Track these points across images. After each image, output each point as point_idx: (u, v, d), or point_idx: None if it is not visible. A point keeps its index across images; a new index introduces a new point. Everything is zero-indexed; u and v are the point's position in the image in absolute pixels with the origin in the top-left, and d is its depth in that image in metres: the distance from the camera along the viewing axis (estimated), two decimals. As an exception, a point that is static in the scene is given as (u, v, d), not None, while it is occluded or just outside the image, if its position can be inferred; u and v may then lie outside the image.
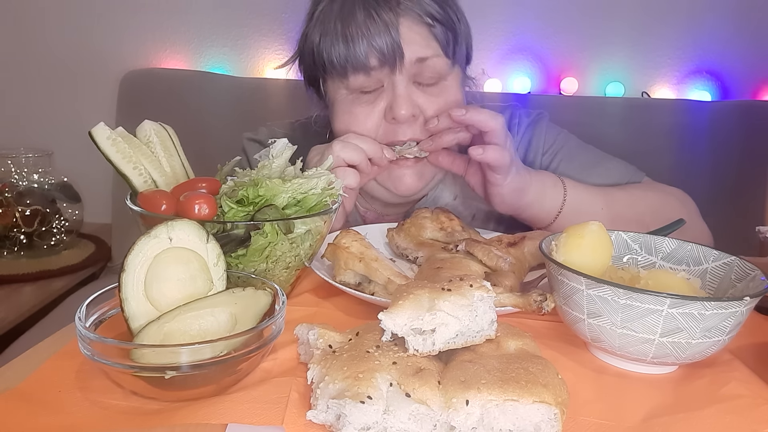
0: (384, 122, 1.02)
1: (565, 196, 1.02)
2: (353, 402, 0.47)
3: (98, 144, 0.75)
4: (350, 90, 1.01)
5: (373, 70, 0.97)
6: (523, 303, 0.66)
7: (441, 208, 0.97)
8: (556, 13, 1.95)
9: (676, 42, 1.93)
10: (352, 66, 0.97)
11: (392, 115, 0.99)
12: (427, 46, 0.99)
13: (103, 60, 2.08)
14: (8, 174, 1.80)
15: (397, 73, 0.98)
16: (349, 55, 0.96)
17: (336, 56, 0.97)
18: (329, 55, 0.98)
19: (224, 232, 0.69)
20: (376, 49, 0.95)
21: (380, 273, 0.75)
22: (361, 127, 1.01)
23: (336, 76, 1.00)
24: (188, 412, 0.51)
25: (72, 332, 0.63)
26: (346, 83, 1.00)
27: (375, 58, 0.96)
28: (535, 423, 0.49)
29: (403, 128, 1.01)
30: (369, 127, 1.01)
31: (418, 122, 1.01)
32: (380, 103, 1.01)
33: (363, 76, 0.98)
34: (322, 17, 1.00)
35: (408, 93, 0.99)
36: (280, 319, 0.58)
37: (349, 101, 1.02)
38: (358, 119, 1.01)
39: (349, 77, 0.99)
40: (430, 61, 0.99)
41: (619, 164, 1.17)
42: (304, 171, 0.80)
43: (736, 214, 1.67)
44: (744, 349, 0.69)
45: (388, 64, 0.97)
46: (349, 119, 1.02)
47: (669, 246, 0.76)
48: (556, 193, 1.02)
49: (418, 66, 0.99)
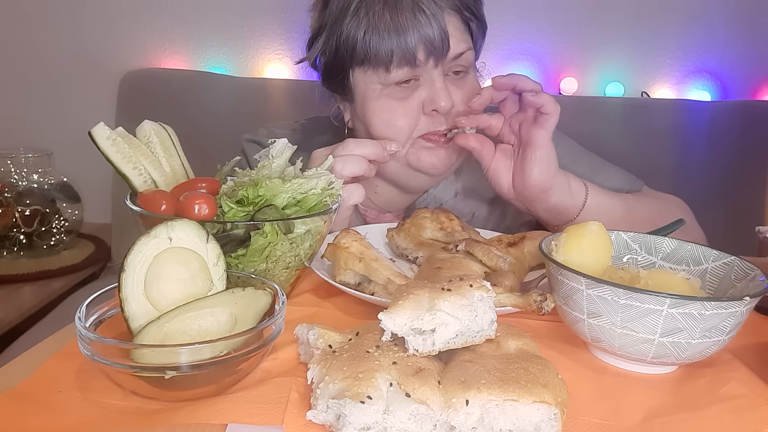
0: (422, 114, 1.03)
1: (586, 195, 1.01)
2: (353, 402, 0.47)
3: (98, 144, 0.75)
4: (385, 84, 1.02)
5: (419, 63, 0.99)
6: (523, 303, 0.66)
7: (441, 208, 0.97)
8: (556, 13, 1.95)
9: (676, 42, 1.93)
10: (399, 58, 0.98)
11: (433, 107, 1.01)
12: (462, 39, 1.02)
13: (103, 60, 2.07)
14: (8, 174, 1.80)
15: (438, 66, 1.00)
16: (399, 47, 0.97)
17: (384, 48, 0.98)
18: (376, 47, 0.98)
19: (224, 232, 0.69)
20: (427, 40, 0.97)
21: (380, 273, 0.75)
22: (401, 120, 1.03)
23: (376, 69, 1.01)
24: (188, 412, 0.51)
25: (72, 332, 0.63)
26: (385, 76, 1.01)
27: (423, 50, 0.98)
28: (535, 423, 0.49)
29: (441, 119, 1.03)
30: (408, 119, 1.03)
31: (452, 112, 1.04)
32: (417, 95, 1.02)
33: (407, 68, 0.99)
34: (365, 10, 1.00)
35: (446, 86, 1.02)
36: (280, 319, 0.58)
37: (384, 95, 1.03)
38: (396, 112, 1.03)
39: (392, 70, 0.99)
40: (464, 55, 1.03)
41: (620, 172, 1.18)
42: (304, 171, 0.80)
43: (736, 214, 1.67)
44: (744, 349, 0.69)
45: (434, 56, 0.99)
46: (389, 114, 1.03)
47: (669, 246, 0.76)
48: (579, 190, 1.01)
49: (454, 61, 1.02)
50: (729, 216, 1.64)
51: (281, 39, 2.05)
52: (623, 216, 1.04)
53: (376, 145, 0.98)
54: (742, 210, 1.70)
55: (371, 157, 0.97)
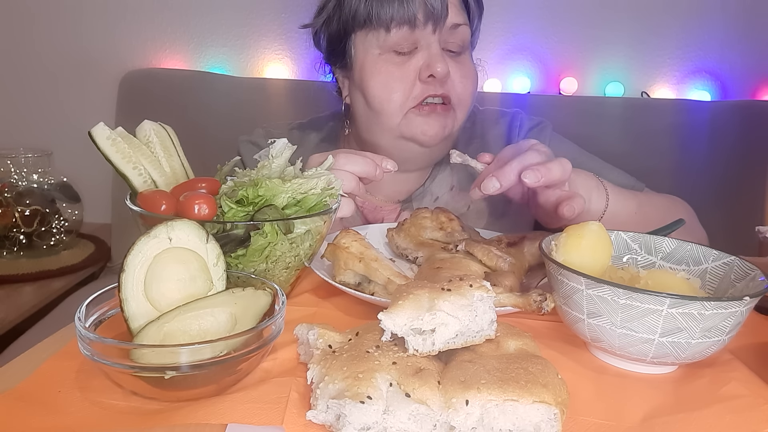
0: (418, 81, 1.06)
1: (608, 198, 1.00)
2: (353, 402, 0.47)
3: (98, 144, 0.75)
4: (383, 49, 1.06)
5: (418, 24, 1.03)
6: (523, 303, 0.66)
7: (441, 208, 0.97)
8: (556, 13, 1.95)
9: (675, 42, 1.93)
10: (400, 18, 1.02)
11: (429, 72, 1.04)
12: (459, 13, 1.07)
13: (103, 60, 2.07)
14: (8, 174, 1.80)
15: (437, 33, 1.05)
16: (401, 7, 1.02)
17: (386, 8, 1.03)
18: (378, 7, 1.03)
19: (224, 232, 0.69)
20: (428, 2, 1.01)
21: (380, 273, 0.75)
22: (396, 83, 1.06)
23: (377, 30, 1.05)
24: (188, 412, 0.51)
25: (72, 332, 0.63)
26: (384, 38, 1.05)
27: (423, 12, 1.02)
28: (535, 423, 0.49)
29: (436, 86, 1.06)
30: (404, 84, 1.06)
31: (449, 83, 1.07)
32: (414, 62, 1.06)
33: (407, 29, 1.04)
34: None
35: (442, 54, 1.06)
36: (280, 319, 0.58)
37: (382, 60, 1.07)
38: (393, 75, 1.06)
39: (392, 30, 1.04)
40: (461, 29, 1.07)
41: (622, 174, 1.18)
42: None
43: (736, 214, 1.67)
44: (744, 349, 0.69)
45: (433, 20, 1.03)
46: (386, 77, 1.07)
47: (669, 246, 0.76)
48: (600, 194, 1.00)
49: (451, 32, 1.06)
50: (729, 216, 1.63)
51: (281, 39, 2.05)
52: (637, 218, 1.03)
53: (368, 163, 0.91)
54: (742, 210, 1.70)
55: (362, 174, 0.91)
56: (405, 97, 1.07)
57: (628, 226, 0.91)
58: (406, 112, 1.08)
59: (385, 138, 1.13)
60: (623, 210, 1.03)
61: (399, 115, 1.08)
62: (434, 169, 1.22)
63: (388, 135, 1.12)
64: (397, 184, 1.22)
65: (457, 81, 1.08)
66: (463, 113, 1.13)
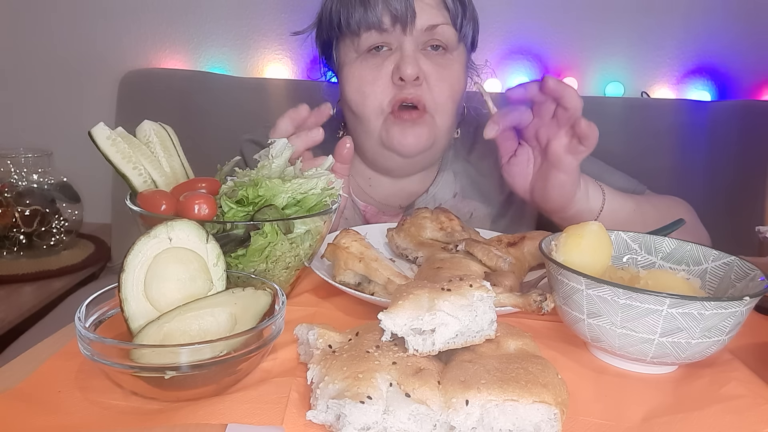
0: (391, 84, 1.06)
1: (604, 198, 1.01)
2: (353, 402, 0.47)
3: (98, 144, 0.75)
4: (359, 52, 1.07)
5: (386, 29, 1.04)
6: (523, 303, 0.66)
7: (441, 208, 0.97)
8: (556, 13, 1.95)
9: (675, 42, 1.93)
10: (366, 24, 1.04)
11: (399, 75, 1.04)
12: (438, 14, 1.06)
13: (103, 60, 2.07)
14: (8, 174, 1.80)
15: (407, 34, 1.04)
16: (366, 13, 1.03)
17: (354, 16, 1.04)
18: (347, 16, 1.05)
19: (224, 232, 0.69)
20: (391, 7, 1.02)
21: (380, 273, 0.75)
22: (370, 86, 1.07)
23: (349, 36, 1.07)
24: (188, 412, 0.51)
25: (72, 332, 0.63)
26: (358, 43, 1.06)
27: (388, 17, 1.03)
28: (535, 423, 0.49)
29: (409, 89, 1.05)
30: (377, 88, 1.07)
31: (423, 86, 1.06)
32: (388, 65, 1.06)
33: (376, 34, 1.05)
34: None
35: (415, 56, 1.05)
36: (280, 319, 0.58)
37: (358, 63, 1.08)
38: (366, 79, 1.07)
39: (362, 35, 1.05)
40: (439, 29, 1.06)
41: (623, 177, 1.18)
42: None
43: (736, 214, 1.67)
44: (744, 349, 0.69)
45: (401, 23, 1.03)
46: (359, 81, 1.08)
47: (669, 246, 0.76)
48: (597, 194, 1.01)
49: (428, 33, 1.06)
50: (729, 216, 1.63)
51: (281, 39, 2.05)
52: (635, 218, 1.03)
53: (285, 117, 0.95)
54: (742, 210, 1.70)
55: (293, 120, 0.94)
56: (378, 100, 1.06)
57: (627, 226, 0.91)
58: (384, 117, 1.08)
59: (369, 144, 1.13)
60: (621, 208, 1.03)
61: (377, 118, 1.08)
62: (438, 175, 1.22)
63: (371, 141, 1.12)
64: (397, 189, 1.22)
65: (433, 84, 1.06)
66: (444, 119, 1.10)
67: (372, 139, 1.11)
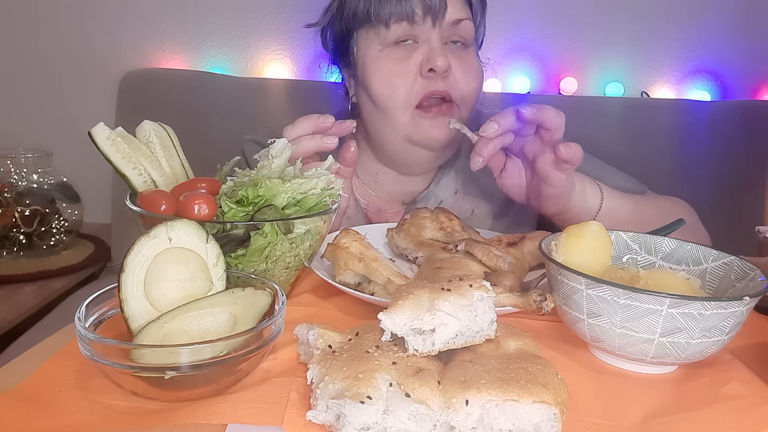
0: (419, 76, 1.06)
1: (602, 197, 1.01)
2: (353, 402, 0.47)
3: (98, 144, 0.75)
4: (385, 44, 1.07)
5: (417, 19, 1.04)
6: (523, 303, 0.66)
7: (441, 208, 0.97)
8: (556, 13, 1.95)
9: (675, 42, 1.93)
10: (398, 14, 1.03)
11: (429, 66, 1.04)
12: (462, 9, 1.08)
13: (102, 60, 2.07)
14: (7, 174, 1.79)
15: (437, 27, 1.05)
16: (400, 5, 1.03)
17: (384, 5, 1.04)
18: (377, 5, 1.04)
19: (224, 232, 0.69)
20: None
21: (380, 273, 0.75)
22: (399, 79, 1.06)
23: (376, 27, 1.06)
24: (188, 412, 0.51)
25: (72, 332, 0.63)
26: (384, 35, 1.06)
27: (421, 8, 1.03)
28: (535, 423, 0.49)
29: (438, 82, 1.06)
30: (405, 80, 1.06)
31: (450, 79, 1.07)
32: (415, 57, 1.06)
33: (405, 24, 1.04)
34: None
35: (443, 48, 1.06)
36: (280, 319, 0.58)
37: (383, 56, 1.07)
38: (394, 72, 1.06)
39: (391, 26, 1.05)
40: (463, 23, 1.07)
41: (624, 177, 1.18)
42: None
43: (736, 214, 1.67)
44: (744, 349, 0.69)
45: (432, 15, 1.03)
46: (387, 74, 1.07)
47: (668, 246, 0.76)
48: (594, 193, 1.01)
49: (453, 28, 1.07)
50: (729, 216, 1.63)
51: (281, 39, 2.04)
52: (634, 217, 1.03)
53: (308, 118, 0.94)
54: (741, 210, 1.70)
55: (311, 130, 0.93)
56: (407, 92, 1.06)
57: (626, 225, 0.91)
58: (411, 111, 1.07)
59: (393, 139, 1.12)
60: (620, 208, 1.03)
61: (404, 112, 1.07)
62: (438, 172, 1.22)
63: (396, 136, 1.11)
64: (401, 186, 1.22)
65: (459, 77, 1.07)
66: (468, 111, 1.11)
67: (396, 134, 1.11)
